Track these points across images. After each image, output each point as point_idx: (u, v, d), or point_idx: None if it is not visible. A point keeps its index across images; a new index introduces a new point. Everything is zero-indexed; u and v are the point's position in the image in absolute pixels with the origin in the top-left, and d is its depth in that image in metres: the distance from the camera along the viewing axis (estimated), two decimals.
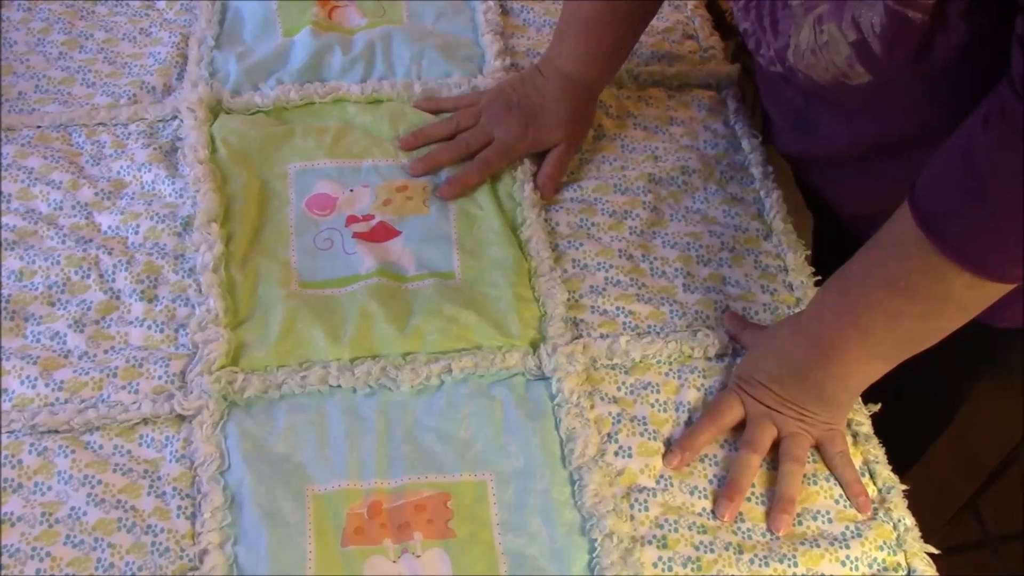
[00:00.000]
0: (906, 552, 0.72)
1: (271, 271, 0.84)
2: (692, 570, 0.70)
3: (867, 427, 0.79)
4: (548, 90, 0.92)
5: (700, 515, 0.73)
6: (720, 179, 0.94)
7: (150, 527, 0.70)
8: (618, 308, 0.84)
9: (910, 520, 0.74)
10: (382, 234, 0.87)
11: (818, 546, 0.72)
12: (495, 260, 0.86)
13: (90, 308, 0.81)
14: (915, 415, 1.10)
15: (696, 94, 1.01)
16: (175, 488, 0.72)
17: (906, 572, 0.72)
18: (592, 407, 0.77)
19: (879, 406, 0.80)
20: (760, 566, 0.70)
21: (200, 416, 0.75)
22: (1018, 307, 0.69)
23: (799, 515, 0.74)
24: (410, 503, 0.72)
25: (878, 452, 0.78)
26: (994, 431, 1.57)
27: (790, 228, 0.90)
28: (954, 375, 1.05)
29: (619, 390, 0.79)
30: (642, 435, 0.76)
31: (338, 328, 0.80)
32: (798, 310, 0.84)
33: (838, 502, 0.75)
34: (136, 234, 0.86)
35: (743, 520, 0.73)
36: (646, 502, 0.73)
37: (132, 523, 0.70)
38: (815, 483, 0.75)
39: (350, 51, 1.01)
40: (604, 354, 0.80)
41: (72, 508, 0.70)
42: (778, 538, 0.72)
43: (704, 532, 0.72)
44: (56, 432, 0.74)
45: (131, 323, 0.81)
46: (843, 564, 0.71)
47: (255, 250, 0.86)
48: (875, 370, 0.72)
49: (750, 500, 0.74)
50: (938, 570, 0.72)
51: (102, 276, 0.83)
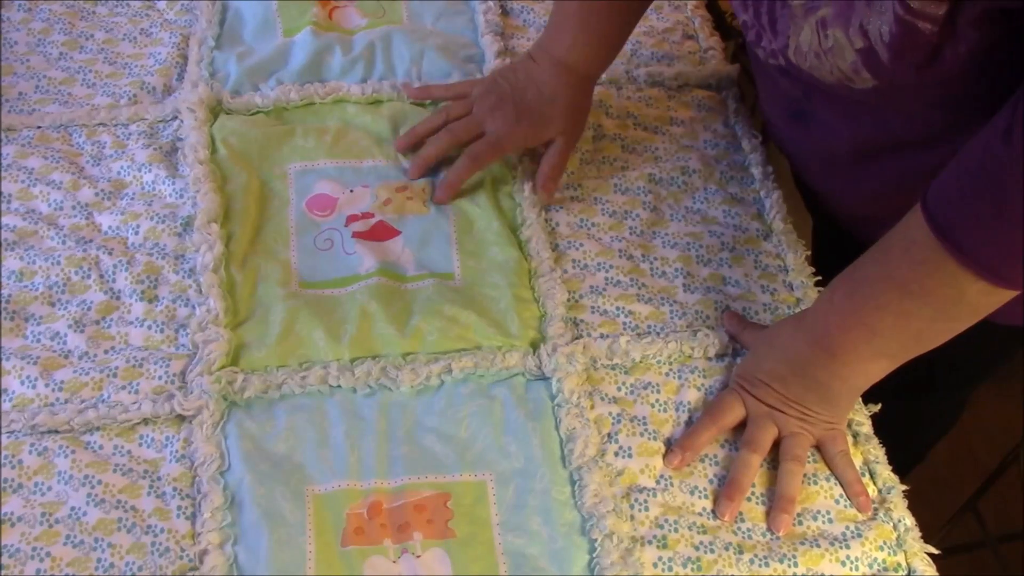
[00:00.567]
0: (906, 552, 0.72)
1: (271, 271, 0.84)
2: (692, 570, 0.70)
3: (867, 427, 0.79)
4: (543, 80, 0.89)
5: (700, 515, 0.73)
6: (720, 179, 0.94)
7: (150, 527, 0.70)
8: (618, 308, 0.84)
9: (910, 520, 0.74)
10: (382, 233, 0.87)
11: (818, 546, 0.72)
12: (495, 260, 0.86)
13: (90, 308, 0.81)
14: (916, 416, 1.10)
15: (696, 94, 1.01)
16: (175, 488, 0.72)
17: (906, 572, 0.72)
18: (592, 407, 0.77)
19: (879, 406, 0.80)
20: (760, 566, 0.70)
21: (200, 416, 0.75)
22: (1018, 306, 0.69)
23: (799, 515, 0.74)
24: (410, 503, 0.72)
25: (878, 452, 0.78)
26: (994, 431, 1.57)
27: (790, 228, 0.90)
28: (955, 376, 1.05)
29: (619, 390, 0.79)
30: (642, 435, 0.76)
31: (338, 328, 0.80)
32: (798, 310, 0.84)
33: (838, 502, 0.75)
34: (136, 234, 0.86)
35: (743, 520, 0.73)
36: (646, 502, 0.73)
37: (132, 523, 0.70)
38: (815, 483, 0.75)
39: (350, 51, 1.01)
40: (604, 354, 0.80)
41: (72, 508, 0.70)
42: (778, 538, 0.72)
43: (704, 532, 0.72)
44: (56, 432, 0.74)
45: (131, 323, 0.81)
46: (843, 564, 0.71)
47: (255, 250, 0.86)
48: (879, 369, 0.72)
49: (750, 500, 0.74)
50: (938, 570, 0.72)
51: (102, 276, 0.83)
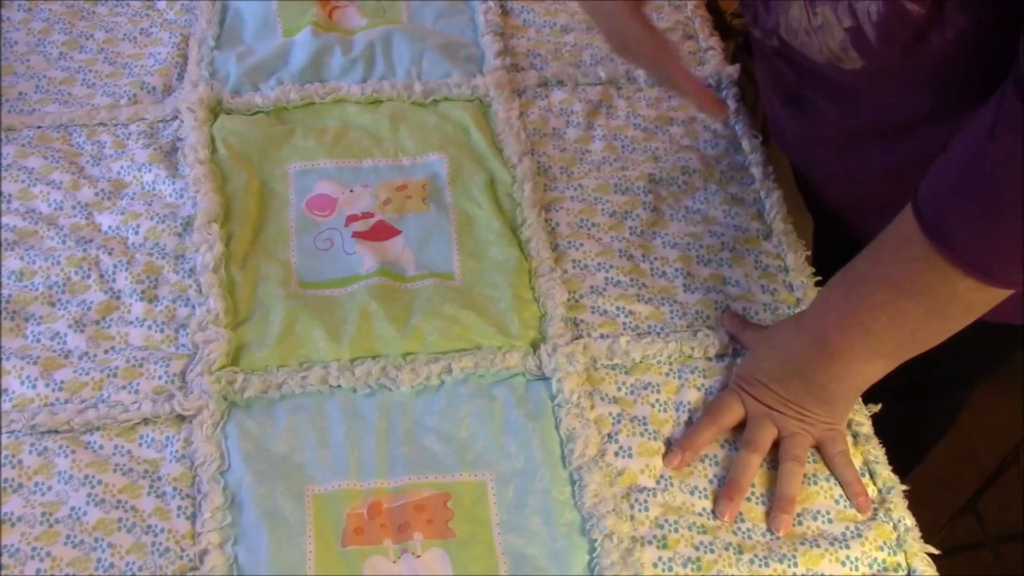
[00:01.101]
0: (906, 552, 0.72)
1: (271, 271, 0.84)
2: (692, 570, 0.70)
3: (867, 427, 0.79)
4: None
5: (700, 515, 0.73)
6: (720, 179, 0.94)
7: (150, 527, 0.70)
8: (618, 308, 0.84)
9: (910, 520, 0.74)
10: (382, 233, 0.87)
11: (818, 546, 0.72)
12: (495, 260, 0.86)
13: (90, 308, 0.81)
14: (915, 417, 1.10)
15: None
16: (175, 488, 0.72)
17: (906, 572, 0.72)
18: (592, 407, 0.77)
19: (879, 406, 0.80)
20: (760, 566, 0.70)
21: (200, 416, 0.75)
22: (1018, 303, 0.69)
23: (799, 515, 0.74)
24: (410, 503, 0.72)
25: (878, 452, 0.78)
26: (994, 431, 1.57)
27: (790, 228, 0.90)
28: (954, 377, 1.05)
29: (619, 390, 0.79)
30: (642, 435, 0.77)
31: (338, 328, 0.80)
32: (798, 310, 0.84)
33: (838, 502, 0.75)
34: (136, 234, 0.86)
35: (743, 520, 0.73)
36: (646, 502, 0.73)
37: (132, 523, 0.70)
38: (815, 483, 0.75)
39: (350, 51, 1.01)
40: (604, 354, 0.80)
41: (72, 508, 0.70)
42: (778, 538, 0.72)
43: (704, 532, 0.72)
44: (56, 432, 0.74)
45: (131, 323, 0.81)
46: (843, 564, 0.71)
47: (255, 250, 0.86)
48: (877, 370, 0.72)
49: (750, 500, 0.74)
50: (938, 570, 0.72)
51: (102, 276, 0.83)
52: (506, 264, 0.85)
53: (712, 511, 0.73)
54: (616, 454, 0.75)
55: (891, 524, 0.74)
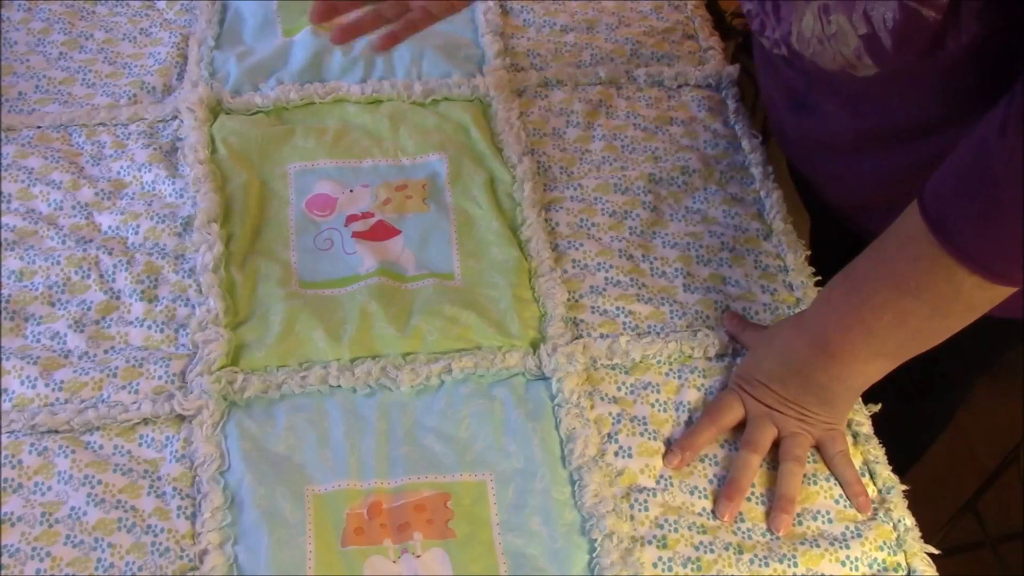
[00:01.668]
0: (906, 552, 0.72)
1: (271, 271, 0.84)
2: (692, 570, 0.70)
3: (867, 427, 0.79)
4: None
5: (700, 515, 0.73)
6: (720, 179, 0.94)
7: (150, 527, 0.70)
8: (618, 308, 0.84)
9: (910, 520, 0.74)
10: (382, 233, 0.87)
11: (818, 546, 0.72)
12: (495, 260, 0.86)
13: (90, 308, 0.81)
14: (915, 415, 1.10)
15: (696, 94, 1.01)
16: (175, 488, 0.72)
17: (906, 572, 0.72)
18: (592, 407, 0.77)
19: (879, 406, 0.80)
20: (760, 566, 0.70)
21: (200, 416, 0.75)
22: (1017, 298, 0.69)
23: (799, 515, 0.74)
24: (410, 503, 0.72)
25: (878, 452, 0.78)
26: (994, 431, 1.57)
27: (790, 228, 0.89)
28: (953, 375, 1.05)
29: (619, 390, 0.79)
30: (642, 435, 0.77)
31: (338, 328, 0.80)
32: (798, 310, 0.84)
33: (838, 502, 0.75)
34: (136, 234, 0.86)
35: (743, 520, 0.73)
36: (646, 502, 0.73)
37: (132, 523, 0.70)
38: (815, 483, 0.75)
39: (350, 51, 1.01)
40: (604, 354, 0.80)
41: (72, 508, 0.70)
42: (778, 538, 0.72)
43: (704, 532, 0.72)
44: (56, 432, 0.74)
45: (131, 323, 0.81)
46: (843, 564, 0.71)
47: (255, 250, 0.86)
48: (877, 370, 0.72)
49: (750, 500, 0.74)
50: (938, 570, 0.72)
51: (102, 276, 0.83)
52: (506, 264, 0.85)
53: (712, 511, 0.73)
54: (616, 454, 0.75)
55: (891, 524, 0.74)
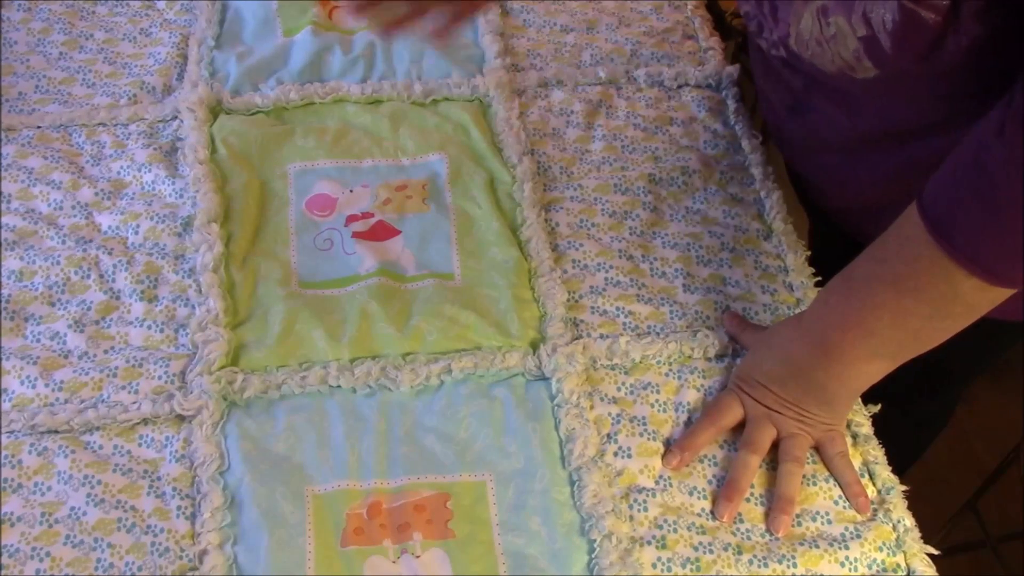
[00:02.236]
0: (905, 553, 0.72)
1: (271, 271, 0.84)
2: (691, 570, 0.70)
3: (867, 428, 0.79)
4: None
5: (699, 515, 0.73)
6: (720, 179, 0.94)
7: (150, 527, 0.70)
8: (618, 308, 0.84)
9: (909, 521, 0.74)
10: (382, 233, 0.87)
11: (817, 547, 0.72)
12: (495, 260, 0.86)
13: (90, 308, 0.81)
14: (914, 416, 1.10)
15: (696, 94, 1.01)
16: (175, 488, 0.72)
17: (906, 573, 0.72)
18: (592, 407, 0.77)
19: (879, 407, 0.80)
20: (759, 567, 0.70)
21: (200, 416, 0.75)
22: (1018, 301, 0.69)
23: (798, 516, 0.74)
24: (410, 503, 0.72)
25: (877, 453, 0.78)
26: (994, 431, 1.57)
27: (790, 228, 0.89)
28: (952, 375, 1.05)
29: (619, 390, 0.79)
30: (642, 435, 0.77)
31: (338, 328, 0.80)
32: (798, 310, 0.84)
33: (837, 503, 0.75)
34: (136, 234, 0.86)
35: (742, 520, 0.73)
36: (645, 502, 0.73)
37: (132, 523, 0.70)
38: (814, 484, 0.75)
39: (350, 51, 1.01)
40: (604, 354, 0.80)
41: (72, 508, 0.70)
42: (777, 539, 0.72)
43: (703, 533, 0.72)
44: (56, 432, 0.74)
45: (131, 323, 0.81)
46: (842, 565, 0.71)
47: (255, 250, 0.86)
48: (877, 370, 0.72)
49: (749, 500, 0.74)
50: (938, 570, 0.72)
51: (102, 276, 0.83)
52: (506, 264, 0.85)
53: (711, 512, 0.73)
54: (615, 454, 0.75)
55: (890, 524, 0.74)
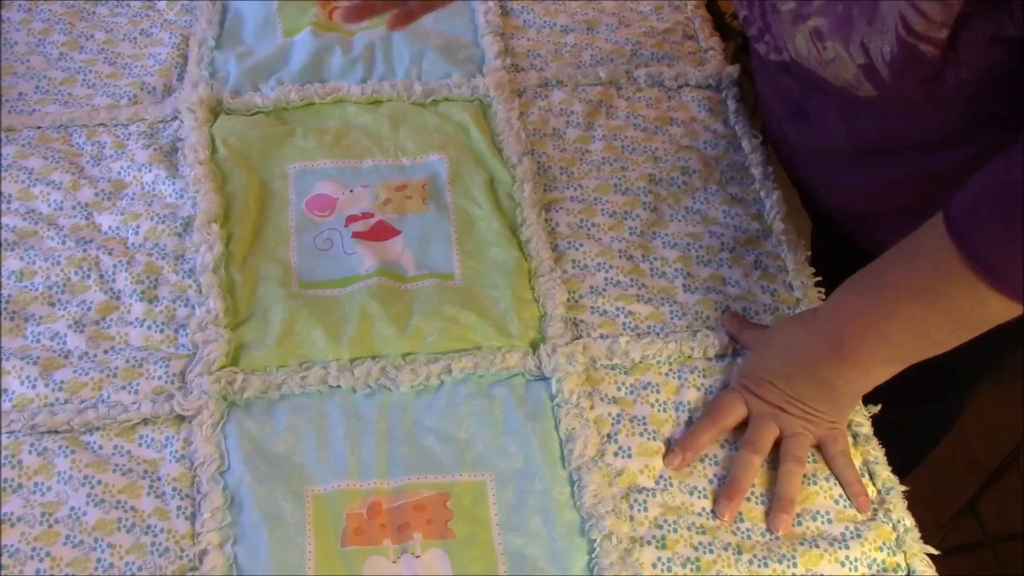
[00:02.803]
0: (906, 553, 0.72)
1: (271, 271, 0.84)
2: (691, 570, 0.70)
3: (867, 428, 0.79)
4: None
5: (699, 515, 0.73)
6: (720, 179, 0.94)
7: (150, 527, 0.70)
8: (618, 308, 0.84)
9: (909, 521, 0.74)
10: (382, 233, 0.87)
11: (817, 546, 0.72)
12: (495, 260, 0.86)
13: (90, 308, 0.81)
14: (917, 419, 1.10)
15: (696, 94, 1.01)
16: (175, 488, 0.72)
17: (906, 572, 0.72)
18: (592, 407, 0.77)
19: (879, 407, 0.80)
20: (759, 566, 0.70)
21: (200, 416, 0.75)
22: None
23: (798, 515, 0.74)
24: (410, 503, 0.72)
25: (878, 453, 0.78)
26: (994, 431, 1.57)
27: (790, 228, 0.89)
28: (956, 379, 1.05)
29: (619, 390, 0.79)
30: (642, 435, 0.77)
31: (338, 328, 0.80)
32: (798, 310, 0.84)
33: (838, 502, 0.75)
34: (136, 234, 0.86)
35: (742, 520, 0.73)
36: (645, 502, 0.73)
37: (132, 523, 0.70)
38: (815, 483, 0.75)
39: (350, 52, 1.01)
40: (604, 354, 0.80)
41: (72, 508, 0.70)
42: (777, 538, 0.72)
43: (703, 532, 0.72)
44: (56, 432, 0.74)
45: (131, 323, 0.81)
46: (843, 564, 0.71)
47: (255, 250, 0.86)
48: (887, 373, 0.72)
49: (750, 500, 0.74)
50: (938, 570, 0.72)
51: (102, 276, 0.83)
52: (506, 264, 0.85)
53: (712, 511, 0.73)
54: (616, 454, 0.75)
55: (890, 524, 0.74)
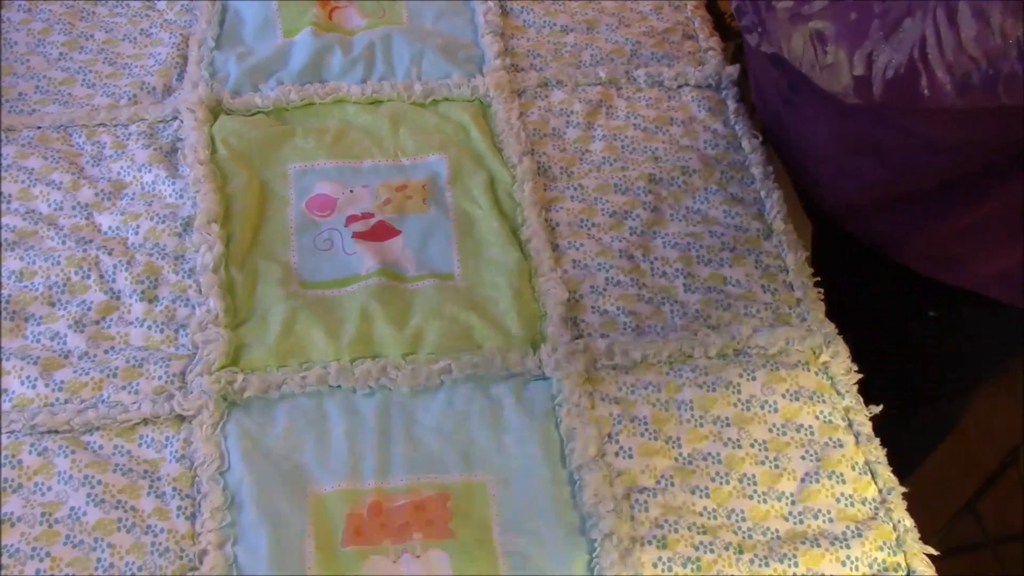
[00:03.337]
0: (906, 553, 0.72)
1: (271, 271, 0.84)
2: (692, 570, 0.70)
3: (868, 428, 0.79)
4: None
5: (700, 515, 0.73)
6: (720, 179, 0.94)
7: (150, 527, 0.70)
8: (618, 308, 0.84)
9: (909, 521, 0.74)
10: (382, 233, 0.87)
11: (818, 546, 0.72)
12: (495, 260, 0.86)
13: (90, 308, 0.81)
14: (918, 422, 1.10)
15: (696, 94, 1.01)
16: (175, 488, 0.72)
17: (906, 572, 0.72)
18: (592, 407, 0.77)
19: (880, 407, 0.80)
20: (760, 566, 0.70)
21: (200, 416, 0.75)
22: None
23: (800, 514, 0.74)
24: (410, 503, 0.72)
25: (879, 453, 0.78)
26: (994, 431, 1.57)
27: (790, 228, 0.89)
28: (957, 383, 1.04)
29: (619, 390, 0.79)
30: (642, 435, 0.76)
31: (338, 328, 0.80)
32: (799, 310, 0.84)
33: (839, 501, 0.75)
34: (136, 234, 0.86)
35: (743, 519, 0.73)
36: (646, 502, 0.73)
37: (132, 523, 0.70)
38: (816, 482, 0.75)
39: (350, 52, 1.01)
40: (604, 354, 0.80)
41: (72, 508, 0.70)
42: (778, 538, 0.72)
43: (704, 532, 0.72)
44: (56, 432, 0.74)
45: (131, 323, 0.81)
46: (843, 564, 0.71)
47: (255, 251, 0.86)
48: None
49: (751, 499, 0.74)
50: (938, 570, 0.72)
51: (102, 276, 0.83)
52: (506, 264, 0.85)
53: (712, 510, 0.73)
54: (616, 454, 0.75)
55: (891, 524, 0.74)
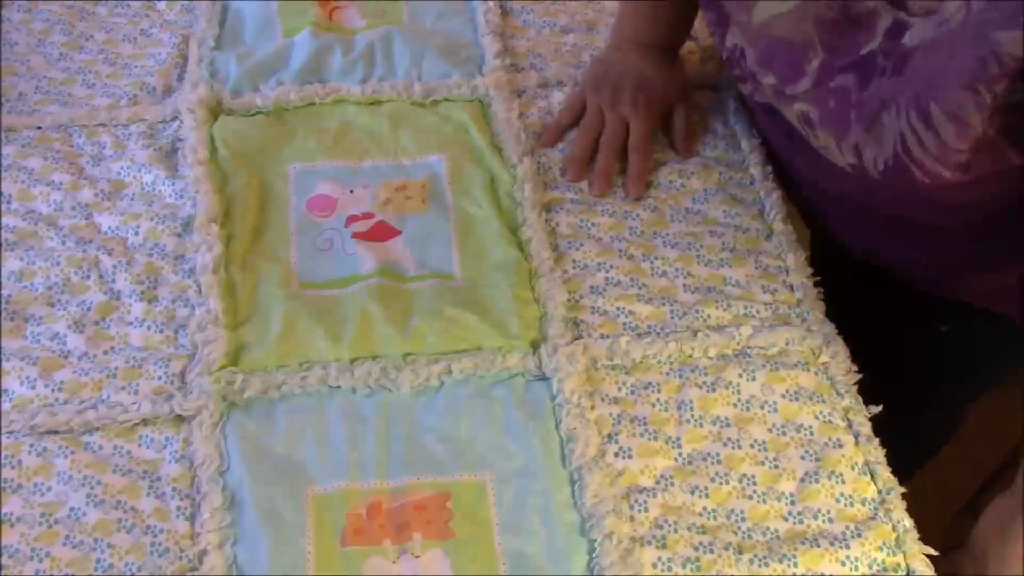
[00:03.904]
0: (905, 553, 0.72)
1: (271, 272, 0.84)
2: (691, 570, 0.70)
3: (868, 428, 0.79)
4: (636, 61, 0.94)
5: (700, 515, 0.73)
6: (720, 179, 0.94)
7: (150, 528, 0.70)
8: (618, 308, 0.84)
9: (909, 521, 0.74)
10: (382, 233, 0.87)
11: (818, 546, 0.72)
12: (495, 261, 0.86)
13: (90, 309, 0.81)
14: (922, 424, 1.10)
15: (696, 94, 1.01)
16: (175, 489, 0.72)
17: (905, 572, 0.72)
18: (592, 407, 0.77)
19: (880, 407, 0.80)
20: (760, 566, 0.70)
21: (200, 417, 0.75)
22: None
23: (799, 513, 0.74)
24: (410, 503, 0.72)
25: (879, 453, 0.78)
26: (994, 432, 1.57)
27: (790, 228, 0.89)
28: (959, 389, 1.04)
29: (619, 390, 0.79)
30: (642, 436, 0.76)
31: (338, 328, 0.80)
32: (799, 310, 0.84)
33: (838, 501, 0.75)
34: (136, 235, 0.86)
35: (743, 520, 0.73)
36: (646, 502, 0.73)
37: (132, 524, 0.70)
38: (815, 482, 0.75)
39: (350, 52, 1.01)
40: (604, 354, 0.80)
41: (72, 509, 0.70)
42: (778, 538, 0.72)
43: (704, 532, 0.72)
44: (56, 433, 0.74)
45: (131, 324, 0.81)
46: (843, 564, 0.71)
47: (255, 251, 0.86)
48: None
49: (750, 499, 0.74)
50: (937, 571, 0.72)
51: (102, 277, 0.83)
52: (506, 264, 0.85)
53: (712, 511, 0.73)
54: (616, 454, 0.75)
55: (891, 525, 0.74)
